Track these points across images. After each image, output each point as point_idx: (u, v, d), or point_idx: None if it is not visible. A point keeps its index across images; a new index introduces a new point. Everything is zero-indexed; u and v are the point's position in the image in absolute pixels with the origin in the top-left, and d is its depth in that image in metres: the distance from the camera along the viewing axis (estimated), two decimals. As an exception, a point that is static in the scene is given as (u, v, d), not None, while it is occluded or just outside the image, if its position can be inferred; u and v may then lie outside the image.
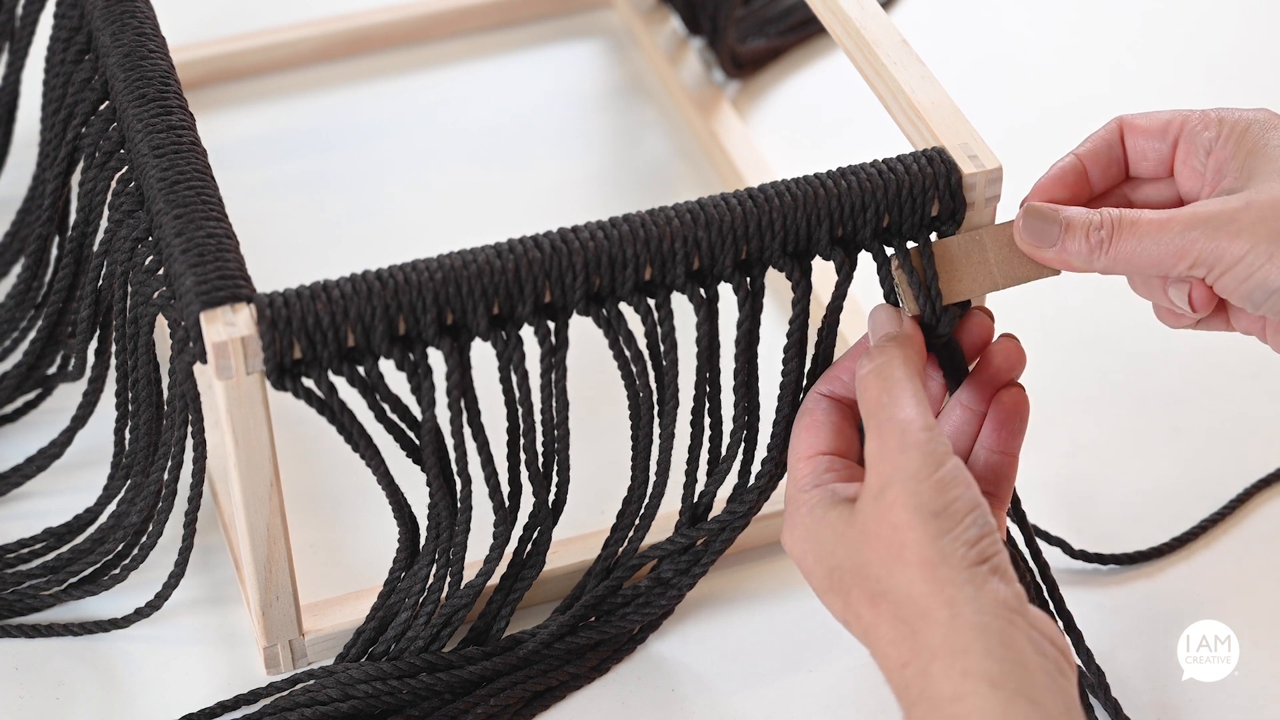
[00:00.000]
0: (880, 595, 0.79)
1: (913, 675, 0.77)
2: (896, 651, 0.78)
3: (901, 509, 0.80)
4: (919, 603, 0.78)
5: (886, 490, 0.80)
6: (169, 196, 0.87)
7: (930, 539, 0.79)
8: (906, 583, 0.79)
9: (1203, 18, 1.33)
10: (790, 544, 0.85)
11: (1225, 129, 0.88)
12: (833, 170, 0.87)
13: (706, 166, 1.21)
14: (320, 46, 1.27)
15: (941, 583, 0.78)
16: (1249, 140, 0.87)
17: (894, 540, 0.79)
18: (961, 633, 0.77)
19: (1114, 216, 0.86)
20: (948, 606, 0.78)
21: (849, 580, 0.81)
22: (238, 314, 0.83)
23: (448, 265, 0.84)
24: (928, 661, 0.77)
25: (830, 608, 0.83)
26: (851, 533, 0.81)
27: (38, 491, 1.02)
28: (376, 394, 0.85)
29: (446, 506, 0.89)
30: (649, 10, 1.29)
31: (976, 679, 0.76)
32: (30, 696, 0.94)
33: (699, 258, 0.86)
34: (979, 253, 0.88)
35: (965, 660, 0.77)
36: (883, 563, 0.80)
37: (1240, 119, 0.88)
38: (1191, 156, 0.89)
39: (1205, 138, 0.88)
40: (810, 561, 0.83)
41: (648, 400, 0.89)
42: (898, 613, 0.79)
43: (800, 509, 0.85)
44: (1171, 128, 0.89)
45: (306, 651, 0.94)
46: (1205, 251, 0.84)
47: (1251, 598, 0.98)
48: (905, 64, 0.92)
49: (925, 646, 0.77)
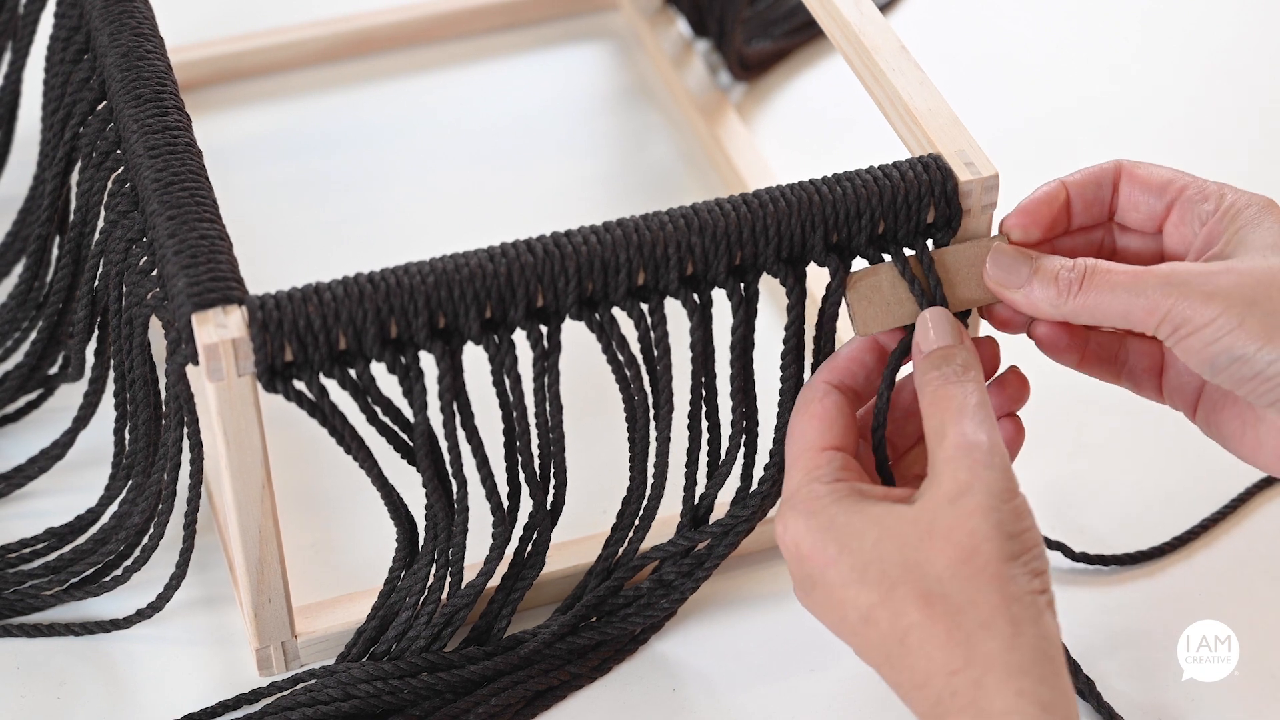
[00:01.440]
0: (938, 597, 0.79)
1: (963, 683, 0.77)
2: (945, 655, 0.78)
3: (981, 519, 0.80)
4: (983, 612, 0.78)
5: (965, 497, 0.80)
6: (163, 197, 0.87)
7: (1004, 557, 0.79)
8: (974, 590, 0.79)
9: (1202, 19, 1.33)
10: (798, 532, 0.83)
11: (1224, 205, 0.87)
12: (828, 176, 0.87)
13: (710, 171, 1.21)
14: (325, 47, 1.27)
15: (1009, 599, 0.78)
16: (1244, 219, 0.86)
17: (967, 546, 0.79)
18: (1022, 652, 0.77)
19: (1087, 265, 0.85)
20: (1012, 624, 0.78)
21: (895, 575, 0.80)
22: (229, 316, 0.83)
23: (440, 269, 0.84)
24: (982, 673, 0.77)
25: (846, 601, 0.81)
26: (909, 530, 0.81)
27: (40, 491, 1.02)
28: (368, 397, 0.85)
29: (443, 508, 0.89)
30: (654, 13, 1.29)
31: (1030, 700, 0.76)
32: (31, 695, 0.94)
33: (692, 263, 0.86)
34: (974, 264, 0.88)
35: (1022, 680, 0.77)
36: (949, 565, 0.79)
37: (1240, 200, 0.87)
38: (1185, 223, 0.88)
39: (1203, 209, 0.88)
40: (832, 552, 0.82)
41: (643, 404, 0.89)
42: (955, 618, 0.78)
43: (820, 498, 0.83)
44: (1170, 189, 0.89)
45: (300, 653, 0.94)
46: (1176, 311, 0.83)
47: (1251, 598, 0.97)
48: (903, 70, 0.92)
49: (981, 657, 0.77)
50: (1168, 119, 1.26)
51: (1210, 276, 0.83)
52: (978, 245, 0.88)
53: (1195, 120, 1.26)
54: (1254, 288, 0.83)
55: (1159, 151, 1.23)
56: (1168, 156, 1.23)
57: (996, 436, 0.83)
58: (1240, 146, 1.24)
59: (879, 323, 0.88)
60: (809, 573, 0.83)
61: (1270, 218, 0.86)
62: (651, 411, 0.90)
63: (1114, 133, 1.25)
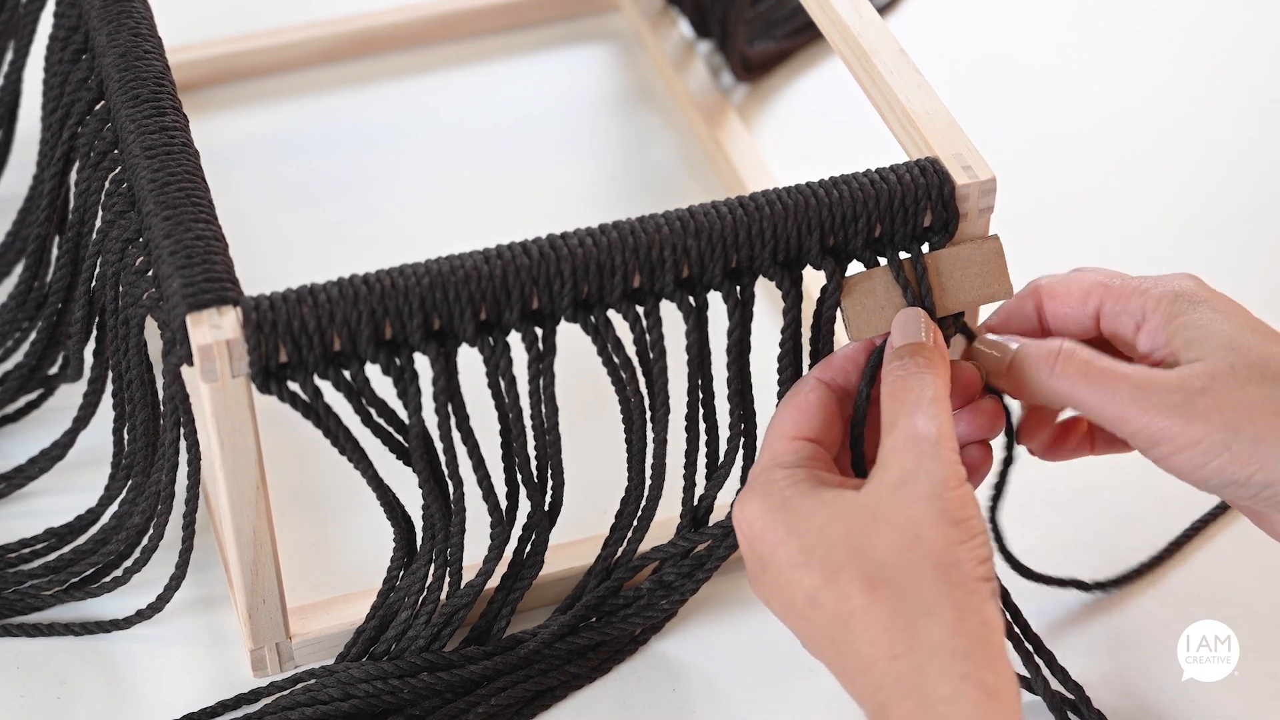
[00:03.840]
0: (882, 581, 0.79)
1: (905, 668, 0.77)
2: (888, 640, 0.78)
3: (924, 506, 0.80)
4: (925, 598, 0.78)
5: (909, 484, 0.81)
6: (159, 198, 0.87)
7: (947, 543, 0.79)
8: (916, 576, 0.79)
9: (1201, 18, 1.33)
10: (753, 513, 0.84)
11: (1151, 302, 0.87)
12: (824, 179, 0.87)
13: (710, 174, 1.21)
14: (326, 48, 1.27)
15: (952, 585, 0.79)
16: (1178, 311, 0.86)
17: (910, 532, 0.79)
18: (964, 638, 0.77)
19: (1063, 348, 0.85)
20: (956, 609, 0.78)
21: (840, 559, 0.80)
22: (223, 317, 0.83)
23: (435, 270, 0.84)
24: (925, 658, 0.77)
25: (794, 583, 0.81)
26: (855, 514, 0.81)
27: (40, 491, 1.02)
28: (363, 398, 0.85)
29: (440, 509, 0.89)
30: (656, 14, 1.29)
31: (974, 684, 0.76)
32: (31, 695, 0.94)
33: (688, 266, 0.86)
34: (969, 267, 0.88)
35: (966, 665, 0.77)
36: (893, 550, 0.79)
37: (1165, 292, 0.87)
38: (1118, 330, 0.88)
39: (1131, 312, 0.87)
40: (781, 534, 0.82)
41: (639, 407, 0.89)
42: (899, 603, 0.78)
43: (776, 481, 0.84)
44: (1091, 298, 0.89)
45: (294, 654, 0.94)
46: (1157, 429, 0.83)
47: (1251, 598, 0.97)
48: (901, 73, 0.92)
49: (925, 643, 0.77)
50: (1167, 118, 1.26)
51: (1188, 395, 0.83)
52: (972, 248, 0.88)
53: (1195, 120, 1.26)
54: (1234, 411, 0.83)
55: (1158, 151, 1.24)
56: (1167, 156, 1.23)
57: (947, 429, 0.83)
58: (1240, 146, 1.24)
59: (872, 327, 0.88)
60: (760, 554, 0.83)
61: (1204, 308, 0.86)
62: (648, 414, 0.90)
63: (1113, 132, 1.25)
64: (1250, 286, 1.14)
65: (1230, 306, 0.87)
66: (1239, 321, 0.86)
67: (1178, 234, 1.18)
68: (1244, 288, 1.14)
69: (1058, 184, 1.21)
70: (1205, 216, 1.19)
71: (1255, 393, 0.83)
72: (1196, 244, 1.17)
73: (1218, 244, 1.17)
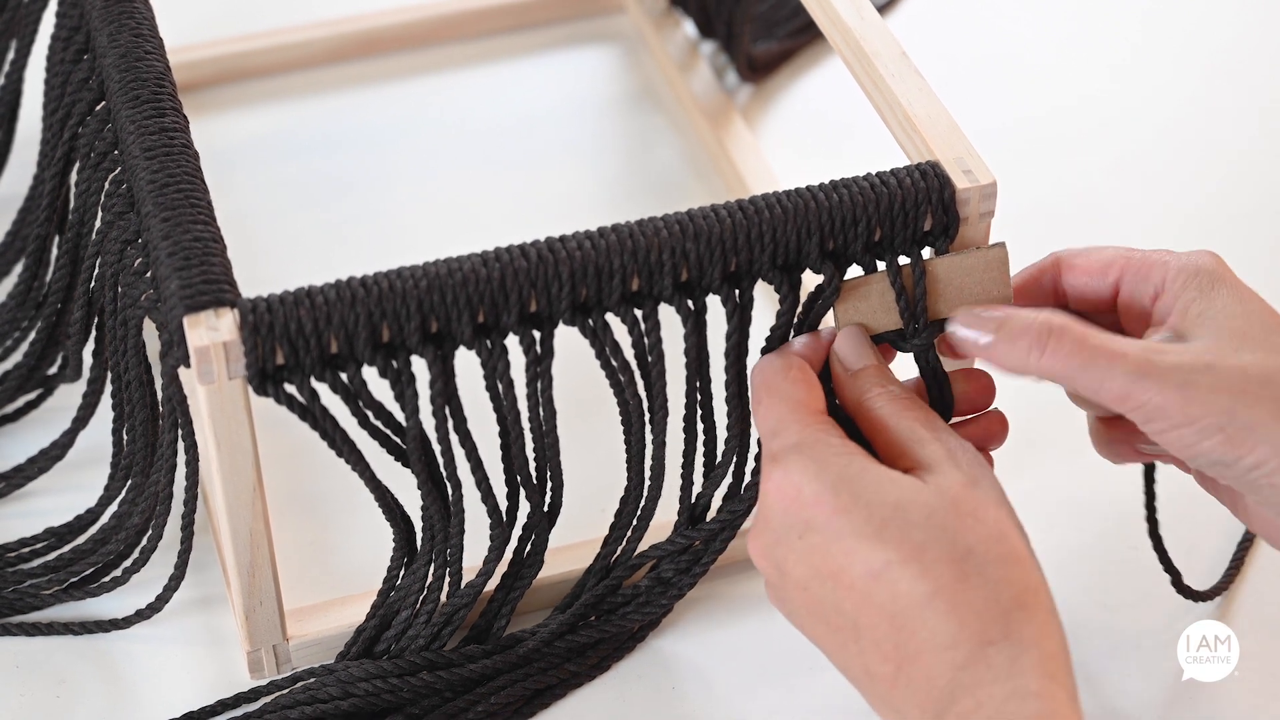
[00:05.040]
0: (973, 568, 0.79)
1: (998, 656, 0.77)
2: (981, 624, 0.78)
3: (998, 508, 0.81)
4: (1017, 593, 0.79)
5: (979, 487, 0.81)
6: (158, 199, 0.87)
7: (1027, 544, 0.81)
8: (1007, 570, 0.79)
9: (1202, 18, 1.33)
10: (805, 478, 0.82)
11: (1171, 274, 0.87)
12: (824, 183, 0.87)
13: (714, 176, 1.20)
14: (329, 48, 1.27)
15: (1039, 586, 0.80)
16: (1195, 288, 0.86)
17: (996, 530, 0.80)
18: (1055, 640, 0.79)
19: (1053, 324, 0.84)
20: (1046, 611, 0.79)
21: (921, 538, 0.80)
22: (221, 319, 0.83)
23: (432, 273, 0.83)
24: (1019, 651, 0.77)
25: (853, 553, 0.81)
26: (935, 500, 0.81)
27: (39, 491, 1.02)
28: (360, 401, 0.85)
29: (439, 511, 0.89)
30: (660, 16, 1.29)
31: (1060, 686, 0.77)
32: (31, 694, 0.94)
33: (687, 269, 0.86)
34: (967, 275, 0.88)
35: (1053, 666, 0.78)
36: (982, 542, 0.80)
37: (1186, 265, 0.87)
38: (1135, 301, 0.88)
39: (1150, 284, 0.88)
40: (845, 500, 0.81)
41: (637, 409, 0.89)
42: (993, 592, 0.79)
43: (834, 449, 0.83)
44: (1112, 270, 0.89)
45: (291, 657, 0.94)
46: (1152, 403, 0.83)
47: (1251, 598, 0.97)
48: (902, 76, 0.92)
49: (1019, 636, 0.78)
50: (1167, 118, 1.26)
51: (1188, 374, 0.83)
52: (976, 255, 0.88)
53: (1194, 119, 1.26)
54: (1232, 394, 0.83)
55: (1159, 151, 1.23)
56: (1167, 155, 1.23)
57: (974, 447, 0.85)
58: (1240, 145, 1.24)
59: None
60: (808, 518, 0.82)
61: (1222, 288, 0.86)
62: (647, 416, 0.89)
63: (1113, 131, 1.24)
64: (1251, 285, 1.14)
65: (1245, 291, 0.87)
66: (1251, 307, 0.86)
67: (1177, 234, 1.18)
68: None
69: (1057, 184, 1.20)
70: (1205, 216, 1.19)
71: (1255, 378, 0.83)
72: (1196, 243, 1.16)
73: (1217, 243, 1.16)
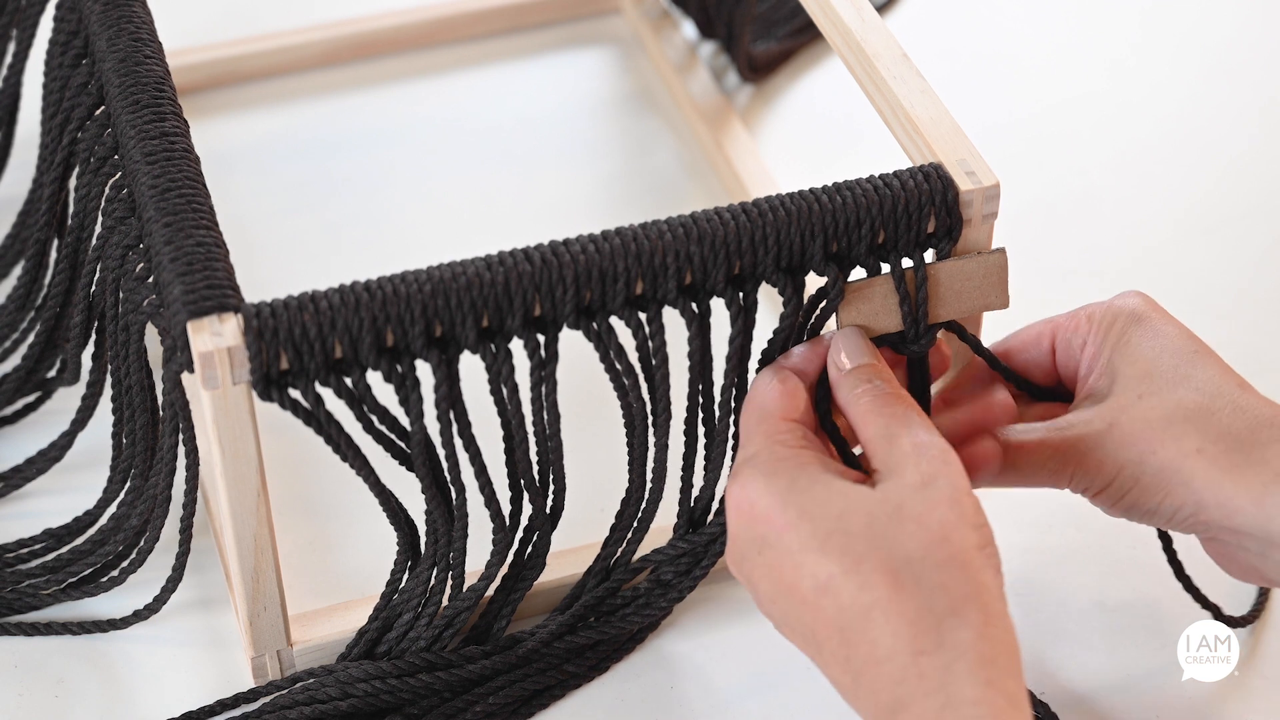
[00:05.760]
0: (909, 577, 0.79)
1: (931, 666, 0.77)
2: (913, 635, 0.78)
3: (949, 508, 0.81)
4: (953, 599, 0.78)
5: (931, 487, 0.81)
6: (159, 204, 0.87)
7: (971, 547, 0.80)
8: (944, 575, 0.79)
9: (1201, 15, 1.33)
10: (756, 492, 0.83)
11: (1094, 325, 0.90)
12: (828, 185, 0.87)
13: (713, 178, 1.20)
14: (326, 51, 1.27)
15: (980, 588, 0.79)
16: (1114, 334, 0.89)
17: (937, 533, 0.80)
18: (990, 643, 0.78)
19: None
20: (983, 613, 0.78)
21: (861, 549, 0.80)
22: (224, 324, 0.82)
23: (436, 277, 0.83)
24: (953, 658, 0.77)
25: (802, 567, 0.81)
26: (877, 507, 0.81)
27: (38, 492, 1.02)
28: (364, 405, 0.85)
29: (443, 515, 0.89)
30: (657, 17, 1.29)
31: (999, 692, 0.77)
32: (30, 694, 0.94)
33: (691, 272, 0.86)
34: (969, 279, 0.88)
35: (991, 671, 0.77)
36: (920, 548, 0.79)
37: (1107, 312, 0.90)
38: (1068, 359, 0.91)
39: (1077, 338, 0.90)
40: (792, 516, 0.81)
41: (640, 412, 0.89)
42: (927, 600, 0.78)
43: (784, 460, 0.83)
44: (1044, 338, 0.92)
45: (295, 662, 0.93)
46: (1078, 478, 0.88)
47: (1251, 598, 0.97)
48: (904, 78, 0.92)
49: (952, 643, 0.77)
50: (1166, 115, 1.26)
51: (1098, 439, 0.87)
52: (978, 261, 0.88)
53: (1193, 117, 1.26)
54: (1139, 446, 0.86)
55: (1158, 149, 1.23)
56: (1167, 153, 1.23)
57: (945, 441, 0.84)
58: (1238, 143, 1.24)
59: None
60: (762, 534, 0.83)
61: (1136, 330, 0.89)
62: (650, 419, 0.89)
63: (1112, 130, 1.25)
64: (1247, 283, 1.14)
65: (1163, 325, 0.89)
66: (1163, 341, 0.88)
67: (1175, 232, 1.18)
68: (1241, 284, 1.14)
69: (1055, 182, 1.20)
70: (1203, 214, 1.19)
71: (1157, 422, 0.86)
72: (1194, 241, 1.17)
73: (1215, 241, 1.17)
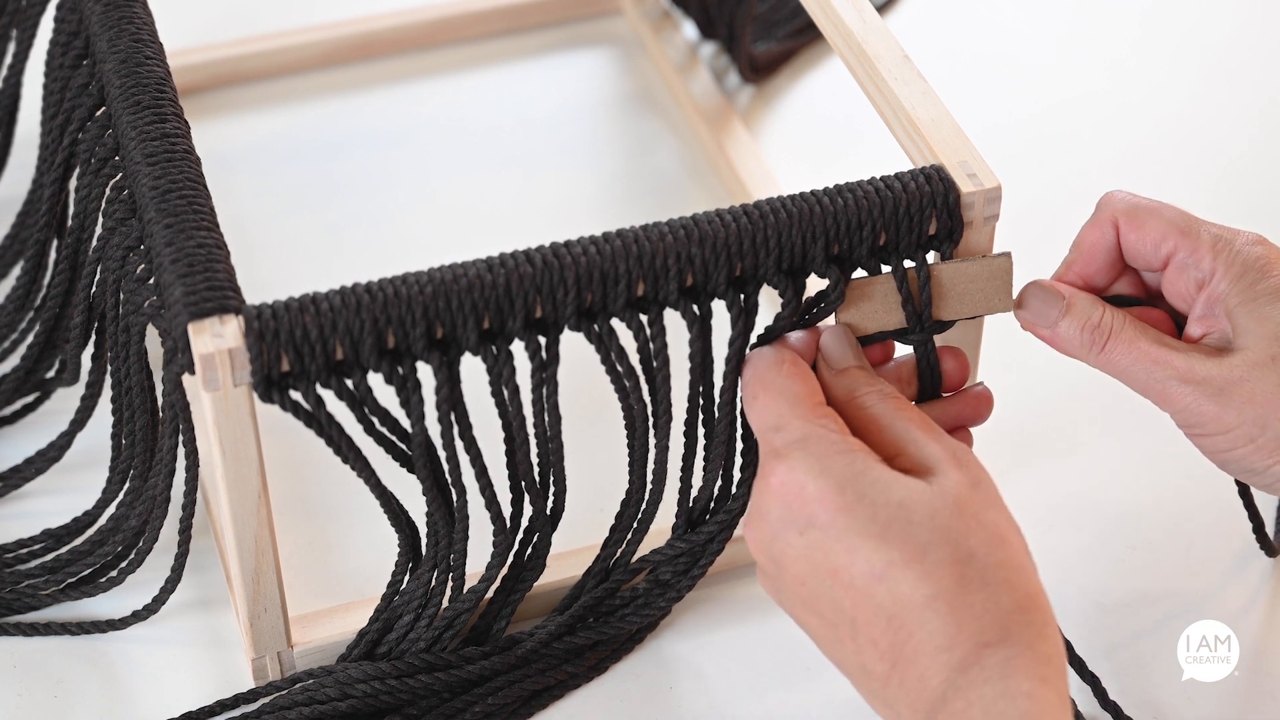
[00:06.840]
0: (974, 571, 0.80)
1: (993, 658, 0.78)
2: (979, 627, 0.79)
3: (999, 512, 0.82)
4: (1017, 597, 0.79)
5: (979, 489, 0.82)
6: (160, 205, 0.87)
7: (1024, 551, 0.82)
8: (1007, 574, 0.80)
9: (1201, 14, 1.33)
10: (809, 474, 0.82)
11: (1220, 265, 0.89)
12: (829, 187, 0.87)
13: (714, 179, 1.20)
14: (327, 51, 1.27)
15: (1037, 591, 0.81)
16: (1241, 288, 0.89)
17: (997, 533, 0.81)
18: (1049, 644, 0.79)
19: (1113, 325, 0.88)
20: (1043, 614, 0.80)
21: (925, 539, 0.80)
22: (225, 326, 0.82)
23: (437, 279, 0.83)
24: (1014, 653, 0.78)
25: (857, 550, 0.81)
26: (938, 501, 0.81)
27: (37, 492, 1.02)
28: (365, 407, 0.85)
29: (443, 517, 0.89)
30: (658, 18, 1.28)
31: (1051, 689, 0.78)
32: (29, 694, 0.94)
33: (692, 274, 0.85)
34: (971, 282, 0.88)
35: (1046, 669, 0.78)
36: (983, 545, 0.80)
37: (1234, 261, 0.89)
38: (1181, 282, 0.91)
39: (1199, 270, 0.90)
40: (849, 499, 0.81)
41: (641, 414, 0.89)
42: (993, 595, 0.79)
43: (837, 446, 0.83)
44: (1165, 244, 0.91)
45: (295, 664, 0.93)
46: (1192, 410, 0.88)
47: (1251, 598, 0.98)
48: (906, 79, 0.92)
49: (1016, 639, 0.79)
50: (1166, 115, 1.26)
51: (1228, 386, 0.87)
52: (981, 264, 0.88)
53: (1194, 117, 1.26)
54: (1265, 407, 0.87)
55: (1158, 149, 1.23)
56: (1167, 153, 1.23)
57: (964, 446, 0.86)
58: (1239, 143, 1.24)
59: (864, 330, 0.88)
60: (809, 514, 0.82)
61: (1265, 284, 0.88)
62: (650, 420, 0.89)
63: (1112, 129, 1.25)
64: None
65: None
66: None
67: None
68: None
69: (1056, 181, 1.21)
70: (1203, 214, 1.18)
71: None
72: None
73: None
